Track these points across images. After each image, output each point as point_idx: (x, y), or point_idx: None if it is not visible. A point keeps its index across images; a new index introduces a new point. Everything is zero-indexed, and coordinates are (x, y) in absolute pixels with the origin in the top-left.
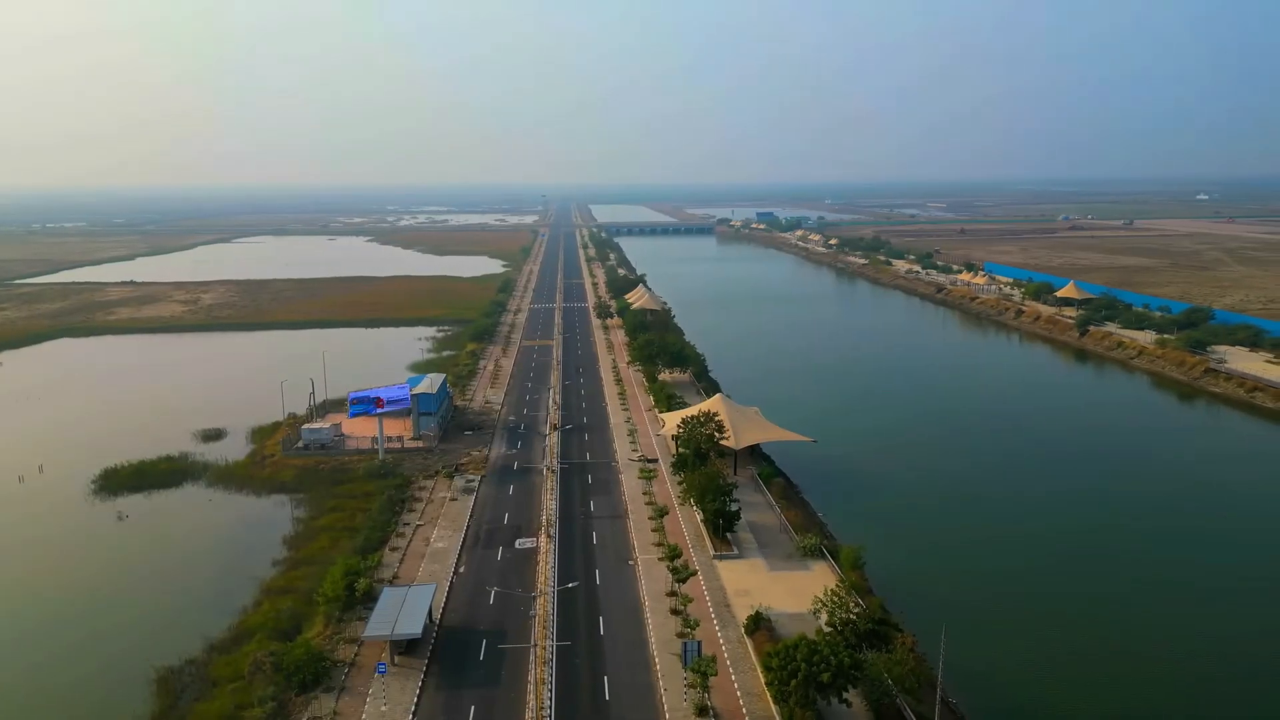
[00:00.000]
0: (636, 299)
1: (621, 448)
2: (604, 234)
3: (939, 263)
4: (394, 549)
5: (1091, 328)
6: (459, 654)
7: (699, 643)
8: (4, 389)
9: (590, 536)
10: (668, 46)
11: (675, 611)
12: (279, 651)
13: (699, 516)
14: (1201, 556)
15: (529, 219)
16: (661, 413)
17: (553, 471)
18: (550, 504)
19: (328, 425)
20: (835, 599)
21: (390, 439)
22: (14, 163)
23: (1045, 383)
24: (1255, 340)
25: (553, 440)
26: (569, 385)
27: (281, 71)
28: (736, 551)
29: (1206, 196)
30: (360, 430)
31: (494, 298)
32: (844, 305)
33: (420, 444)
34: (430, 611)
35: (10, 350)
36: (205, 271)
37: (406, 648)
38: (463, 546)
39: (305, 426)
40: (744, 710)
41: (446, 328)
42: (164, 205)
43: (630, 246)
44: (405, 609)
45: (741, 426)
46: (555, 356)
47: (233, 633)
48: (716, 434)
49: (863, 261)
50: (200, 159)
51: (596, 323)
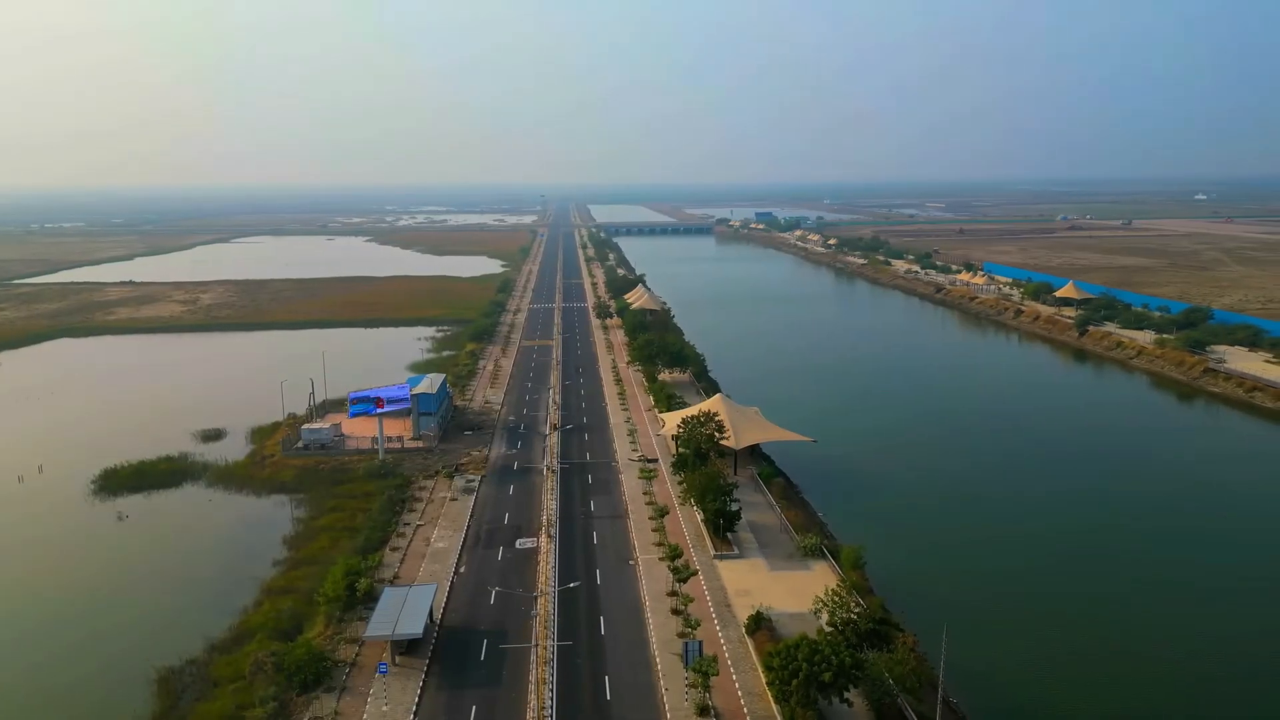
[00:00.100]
0: (636, 299)
1: (621, 448)
2: (603, 234)
3: (938, 263)
4: (394, 549)
5: (1091, 327)
6: (460, 654)
7: (700, 642)
8: (3, 389)
9: (591, 536)
10: (667, 46)
11: (676, 611)
12: (280, 651)
13: (699, 516)
14: (1201, 556)
15: (528, 219)
16: (661, 413)
17: (553, 471)
18: (550, 504)
19: (328, 425)
20: (836, 599)
21: (390, 439)
22: (13, 163)
23: (1045, 383)
24: (1254, 340)
25: (553, 440)
26: (569, 385)
27: (280, 71)
28: (737, 551)
29: (1205, 196)
30: (360, 430)
31: (493, 298)
32: (843, 305)
33: (420, 444)
34: (431, 612)
35: (9, 350)
36: (204, 271)
37: (407, 648)
38: (463, 546)
39: (305, 426)
40: (745, 710)
41: (446, 328)
42: (163, 205)
43: (629, 246)
44: (406, 609)
45: (742, 426)
46: (555, 356)
47: (233, 633)
48: (717, 434)
49: (862, 261)
50: (199, 159)
51: (596, 323)
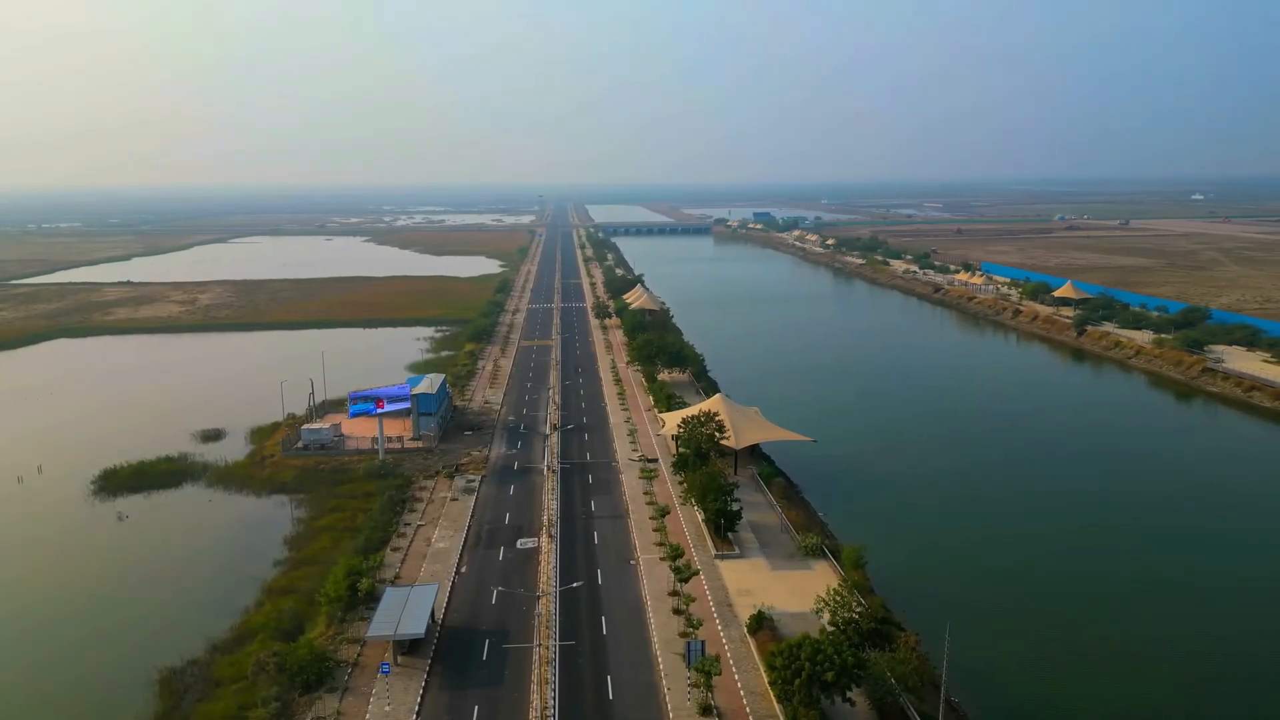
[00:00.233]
0: (634, 299)
1: (622, 448)
2: (601, 234)
3: (936, 263)
4: (395, 549)
5: (1089, 327)
6: (462, 654)
7: (703, 642)
8: (1, 389)
9: (591, 536)
10: (666, 46)
11: (678, 611)
12: (282, 652)
13: (700, 516)
14: (1201, 556)
15: (525, 219)
16: (661, 413)
17: (553, 471)
18: (551, 504)
19: (327, 425)
20: (838, 598)
21: (390, 439)
22: (11, 163)
23: (1043, 382)
24: (1252, 340)
25: (553, 440)
26: (568, 385)
27: (279, 71)
28: (738, 551)
29: (1201, 196)
30: (360, 430)
31: (492, 298)
32: (842, 305)
33: (420, 444)
34: (433, 612)
35: (7, 351)
36: (202, 272)
37: (410, 648)
38: (464, 547)
39: (305, 427)
40: (748, 709)
41: (445, 328)
42: (160, 205)
43: (627, 246)
44: (408, 609)
45: (742, 426)
46: (554, 356)
47: (235, 633)
48: (717, 434)
49: (860, 261)
50: (196, 159)
51: (595, 323)
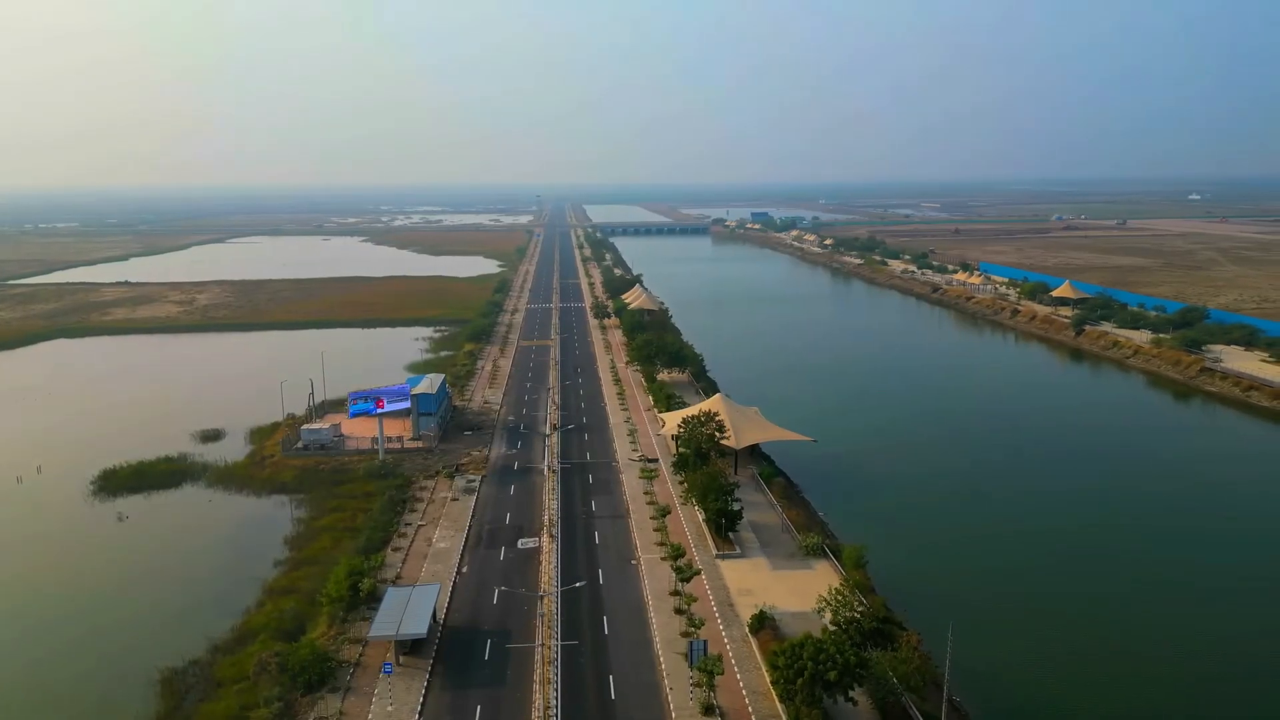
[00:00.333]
0: (633, 299)
1: (622, 447)
2: (599, 234)
3: (934, 262)
4: (396, 549)
5: (1087, 327)
6: (464, 654)
7: (705, 642)
8: (0, 389)
9: (592, 536)
10: (666, 46)
11: (679, 611)
12: (284, 652)
13: (701, 516)
14: (1201, 556)
15: (524, 219)
16: (661, 413)
17: (553, 471)
18: (552, 504)
19: (327, 425)
20: (839, 598)
21: (390, 439)
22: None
23: (1042, 382)
24: (1250, 339)
25: (553, 440)
26: (568, 385)
27: (278, 71)
28: (739, 551)
29: (1199, 197)
30: (360, 430)
31: (490, 298)
32: (840, 305)
33: (420, 444)
34: (434, 612)
35: (6, 351)
36: (200, 272)
37: (411, 648)
38: (465, 547)
39: (305, 427)
40: (750, 709)
41: (444, 328)
42: (159, 205)
43: (626, 246)
44: (410, 609)
45: (742, 426)
46: (553, 356)
47: (236, 633)
48: (717, 434)
49: (858, 261)
50: (196, 159)
51: (594, 323)
